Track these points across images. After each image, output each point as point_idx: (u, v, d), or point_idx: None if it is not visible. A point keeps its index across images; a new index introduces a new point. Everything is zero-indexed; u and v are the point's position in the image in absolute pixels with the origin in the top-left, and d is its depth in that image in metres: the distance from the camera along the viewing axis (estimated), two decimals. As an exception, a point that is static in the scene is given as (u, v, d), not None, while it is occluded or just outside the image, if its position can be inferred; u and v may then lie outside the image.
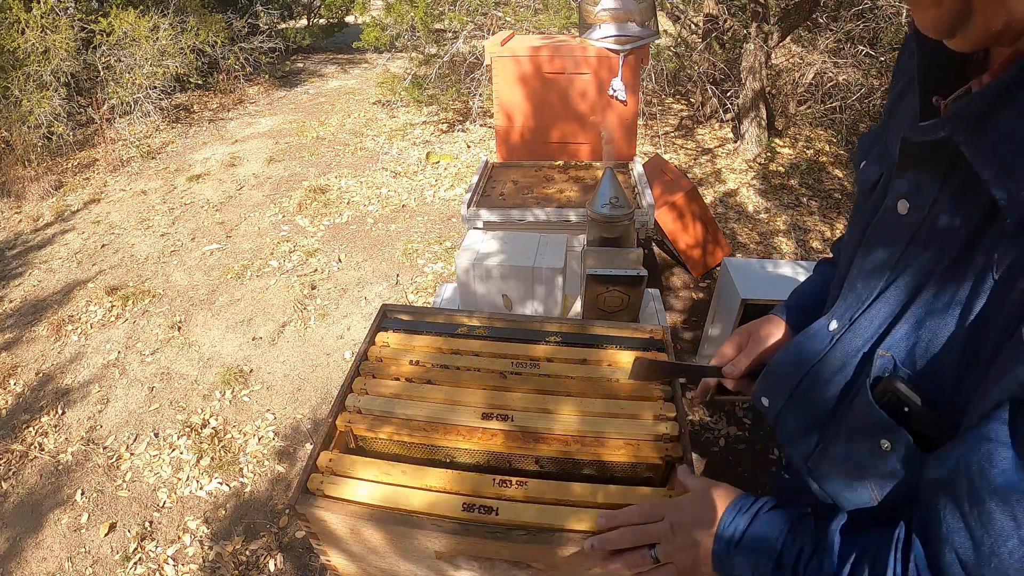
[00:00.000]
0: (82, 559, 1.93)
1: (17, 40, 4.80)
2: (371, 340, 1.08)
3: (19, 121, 4.69)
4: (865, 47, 4.58)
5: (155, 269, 3.51)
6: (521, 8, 4.81)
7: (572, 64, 2.48)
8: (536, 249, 1.48)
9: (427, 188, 4.40)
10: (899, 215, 0.52)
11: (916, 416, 0.48)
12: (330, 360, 2.75)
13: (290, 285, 3.29)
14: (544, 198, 2.14)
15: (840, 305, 0.60)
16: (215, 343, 2.88)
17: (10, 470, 2.25)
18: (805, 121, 5.07)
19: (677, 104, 5.84)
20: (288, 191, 4.42)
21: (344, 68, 8.13)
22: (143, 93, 5.51)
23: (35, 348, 2.90)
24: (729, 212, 3.85)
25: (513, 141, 2.70)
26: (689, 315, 2.92)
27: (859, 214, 0.65)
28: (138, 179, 4.74)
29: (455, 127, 5.59)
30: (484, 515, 0.77)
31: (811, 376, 0.62)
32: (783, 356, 0.68)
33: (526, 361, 1.02)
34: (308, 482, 0.82)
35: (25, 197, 4.43)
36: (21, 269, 3.58)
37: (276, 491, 2.14)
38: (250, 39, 6.79)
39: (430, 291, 3.20)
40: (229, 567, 1.88)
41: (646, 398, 0.95)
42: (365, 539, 0.82)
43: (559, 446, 0.86)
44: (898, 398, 0.49)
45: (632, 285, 1.29)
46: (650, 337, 1.10)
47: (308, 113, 6.25)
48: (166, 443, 2.34)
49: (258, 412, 2.48)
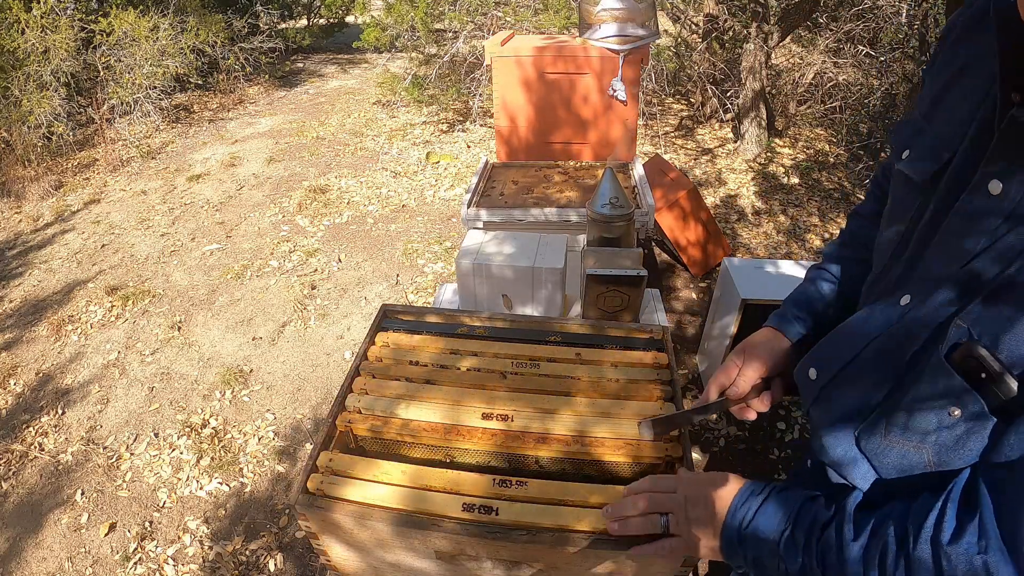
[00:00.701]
0: (82, 559, 1.93)
1: (17, 40, 4.80)
2: (371, 340, 1.08)
3: (19, 121, 4.69)
4: (865, 47, 4.58)
5: (155, 269, 3.51)
6: (521, 8, 4.80)
7: (572, 64, 2.48)
8: (536, 249, 1.48)
9: (427, 188, 4.40)
10: (990, 195, 0.52)
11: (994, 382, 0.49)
12: (330, 360, 2.75)
13: (290, 285, 3.29)
14: (544, 198, 2.14)
15: (913, 281, 0.60)
16: (215, 343, 2.88)
17: (10, 470, 2.25)
18: (805, 121, 5.07)
19: (677, 104, 5.84)
20: (288, 191, 4.42)
21: (344, 68, 8.13)
22: (143, 93, 5.51)
23: (35, 348, 2.90)
24: (729, 212, 3.85)
25: (513, 141, 2.70)
26: (689, 315, 2.92)
27: (901, 204, 0.66)
28: (138, 179, 4.74)
29: (455, 127, 5.59)
30: (484, 515, 0.77)
31: (874, 347, 0.62)
32: (843, 328, 0.68)
33: (526, 361, 1.02)
34: (308, 482, 0.82)
35: (25, 197, 4.43)
36: (21, 269, 3.58)
37: (276, 491, 2.14)
38: (250, 39, 6.78)
39: (430, 291, 3.20)
40: (229, 567, 1.88)
41: (646, 398, 0.95)
42: (365, 539, 0.82)
43: (559, 446, 0.86)
44: (978, 363, 0.49)
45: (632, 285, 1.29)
46: (650, 337, 1.10)
47: (308, 113, 6.25)
48: (166, 443, 2.34)
49: (258, 412, 2.48)
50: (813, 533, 0.59)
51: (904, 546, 0.52)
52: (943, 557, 0.49)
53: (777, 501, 0.64)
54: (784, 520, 0.62)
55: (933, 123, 0.63)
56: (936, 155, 0.61)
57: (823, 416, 0.68)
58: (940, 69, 0.66)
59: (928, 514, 0.52)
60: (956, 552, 0.49)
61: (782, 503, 0.63)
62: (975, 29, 0.62)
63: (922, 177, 0.63)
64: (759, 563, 0.63)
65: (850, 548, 0.56)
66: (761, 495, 0.65)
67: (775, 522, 0.62)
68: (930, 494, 0.54)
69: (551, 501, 0.79)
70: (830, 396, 0.67)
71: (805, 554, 0.59)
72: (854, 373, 0.64)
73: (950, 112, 0.61)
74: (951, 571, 0.49)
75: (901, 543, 0.53)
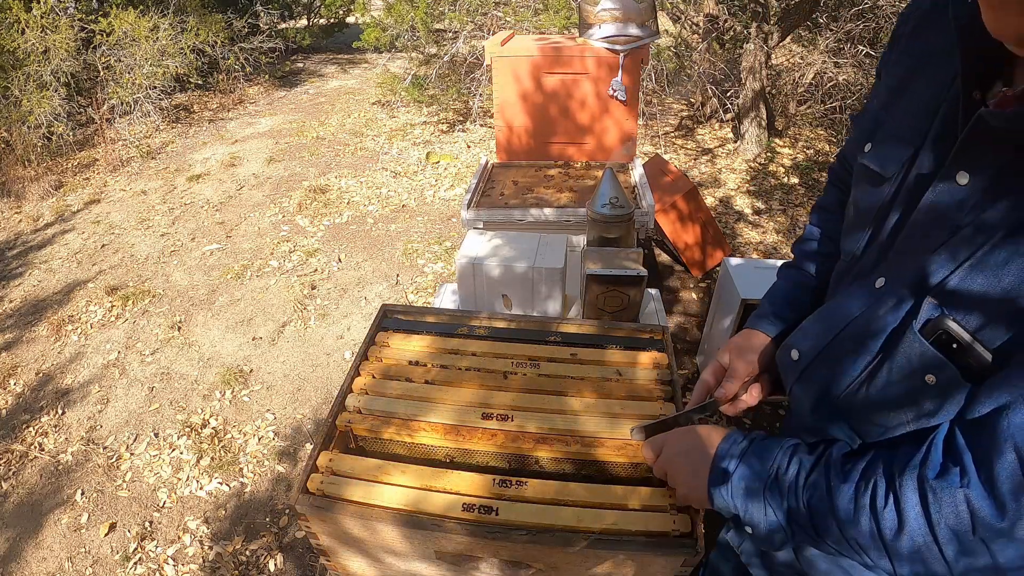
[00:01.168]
0: (82, 559, 1.93)
1: (17, 40, 4.80)
2: (371, 340, 1.08)
3: (19, 121, 4.69)
4: (865, 47, 4.58)
5: (155, 269, 3.51)
6: (521, 8, 4.80)
7: (572, 65, 2.48)
8: (536, 249, 1.48)
9: (427, 188, 4.40)
10: (958, 184, 0.57)
11: (965, 352, 0.53)
12: (330, 360, 2.75)
13: (290, 285, 3.29)
14: (544, 198, 2.14)
15: (883, 267, 0.64)
16: (215, 343, 2.88)
17: (10, 470, 2.25)
18: (805, 121, 5.07)
19: (677, 104, 5.84)
20: (288, 191, 4.42)
21: (344, 68, 8.13)
22: (143, 93, 5.51)
23: (35, 348, 2.90)
24: (729, 212, 3.85)
25: (513, 141, 2.70)
26: (689, 315, 2.92)
27: (869, 196, 0.69)
28: (138, 179, 4.74)
29: (455, 127, 5.59)
30: (484, 515, 0.77)
31: (853, 326, 0.65)
32: (823, 311, 0.72)
33: (526, 361, 1.02)
34: (308, 482, 0.82)
35: (25, 197, 4.43)
36: (21, 269, 3.58)
37: (276, 491, 2.14)
38: (250, 39, 6.78)
39: (430, 291, 3.20)
40: (229, 567, 1.88)
41: (646, 398, 0.95)
42: (365, 539, 0.82)
43: (559, 446, 0.87)
44: (949, 335, 0.54)
45: (632, 285, 1.29)
46: (650, 337, 1.10)
47: (308, 113, 6.25)
48: (166, 443, 2.34)
49: (258, 412, 2.48)
50: (800, 477, 0.63)
51: (892, 484, 0.57)
52: (929, 491, 0.54)
53: (760, 448, 0.68)
54: (768, 466, 0.66)
55: (893, 115, 0.67)
56: (901, 149, 0.65)
57: (806, 393, 0.72)
58: (898, 60, 0.69)
59: (913, 456, 0.57)
60: (941, 486, 0.53)
61: (765, 450, 0.68)
62: (932, 23, 0.65)
63: (889, 172, 0.66)
64: (747, 511, 0.67)
65: (839, 490, 0.60)
66: (744, 442, 0.70)
67: (759, 468, 0.66)
68: (912, 443, 0.58)
69: (551, 501, 0.79)
70: (812, 375, 0.71)
71: (791, 497, 0.63)
72: (834, 352, 0.68)
73: (911, 104, 0.65)
74: (936, 504, 0.53)
75: (889, 482, 0.57)
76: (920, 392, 0.57)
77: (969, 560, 0.52)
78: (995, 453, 0.50)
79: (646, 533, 0.75)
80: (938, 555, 0.53)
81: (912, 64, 0.67)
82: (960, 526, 0.52)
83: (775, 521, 0.64)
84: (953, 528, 0.52)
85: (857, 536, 0.58)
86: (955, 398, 0.55)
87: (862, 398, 0.64)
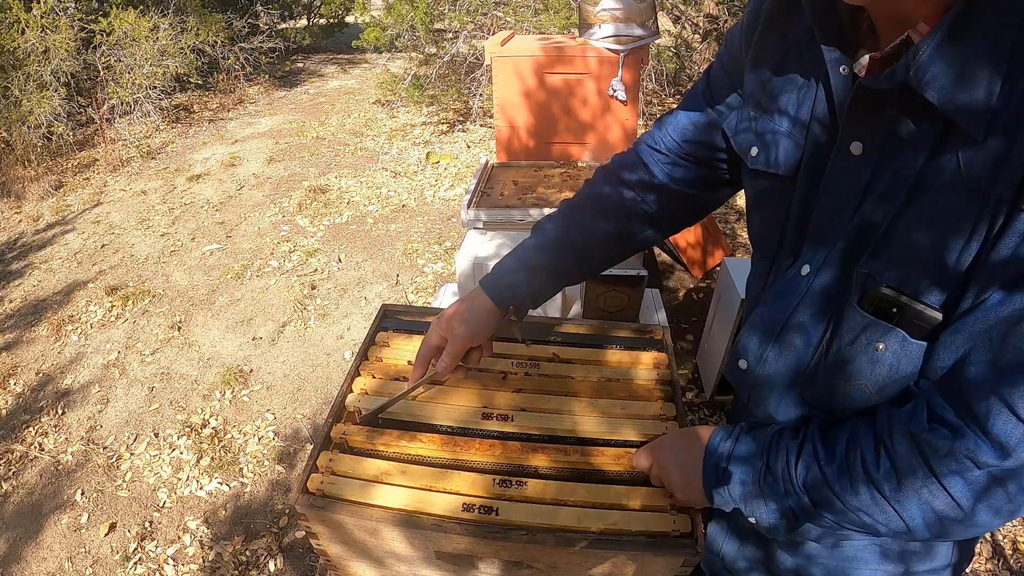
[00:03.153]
0: (82, 559, 1.93)
1: (17, 40, 4.80)
2: (371, 340, 1.08)
3: (19, 121, 4.69)
4: (865, 47, 4.58)
5: (155, 269, 3.51)
6: (521, 8, 4.80)
7: (573, 65, 2.48)
8: (536, 249, 1.48)
9: (427, 188, 4.40)
10: (853, 156, 0.58)
11: (905, 311, 0.55)
12: (330, 360, 2.75)
13: (290, 285, 3.29)
14: (544, 198, 2.14)
15: (807, 252, 0.65)
16: (215, 343, 2.88)
17: (10, 470, 2.25)
18: (805, 121, 5.06)
19: (677, 104, 5.83)
20: (288, 191, 4.42)
21: (344, 68, 8.13)
22: (143, 93, 5.51)
23: (35, 348, 2.90)
24: (729, 212, 3.85)
25: (513, 141, 2.70)
26: (689, 315, 2.92)
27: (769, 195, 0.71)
28: (138, 179, 4.74)
29: (455, 127, 5.59)
30: (484, 515, 0.77)
31: (793, 320, 0.66)
32: (757, 315, 0.72)
33: (526, 361, 1.02)
34: (308, 482, 0.82)
35: (25, 197, 4.43)
36: (21, 269, 3.58)
37: (276, 491, 2.14)
38: (250, 39, 6.78)
39: (430, 291, 3.20)
40: (229, 567, 1.88)
41: (646, 399, 0.95)
42: (365, 539, 0.82)
43: (559, 447, 0.86)
44: (886, 301, 0.55)
45: (632, 285, 1.29)
46: (650, 337, 1.10)
47: (308, 113, 6.25)
48: (166, 443, 2.34)
49: (258, 412, 2.48)
50: (791, 463, 0.63)
51: (881, 444, 0.57)
52: (923, 443, 0.54)
53: (746, 442, 0.69)
54: (758, 460, 0.66)
55: (771, 113, 0.68)
56: (791, 146, 0.66)
57: (762, 393, 0.72)
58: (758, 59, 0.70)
59: (896, 415, 0.57)
60: (933, 435, 0.53)
61: (752, 442, 0.68)
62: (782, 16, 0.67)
63: (787, 172, 0.67)
64: (748, 506, 0.67)
65: (829, 465, 0.60)
66: (733, 434, 0.70)
67: (750, 464, 0.67)
68: (889, 406, 0.59)
69: (551, 501, 0.79)
70: (763, 376, 0.71)
71: (787, 484, 0.63)
72: (781, 348, 0.68)
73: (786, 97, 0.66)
74: (932, 451, 0.53)
75: (878, 444, 0.57)
76: (875, 361, 0.58)
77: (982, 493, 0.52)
78: (975, 400, 0.50)
79: (646, 533, 0.75)
80: (946, 497, 0.53)
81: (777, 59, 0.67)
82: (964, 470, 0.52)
83: (776, 511, 0.65)
84: (956, 472, 0.52)
85: (859, 504, 0.58)
86: (912, 361, 0.56)
87: (821, 383, 0.64)
